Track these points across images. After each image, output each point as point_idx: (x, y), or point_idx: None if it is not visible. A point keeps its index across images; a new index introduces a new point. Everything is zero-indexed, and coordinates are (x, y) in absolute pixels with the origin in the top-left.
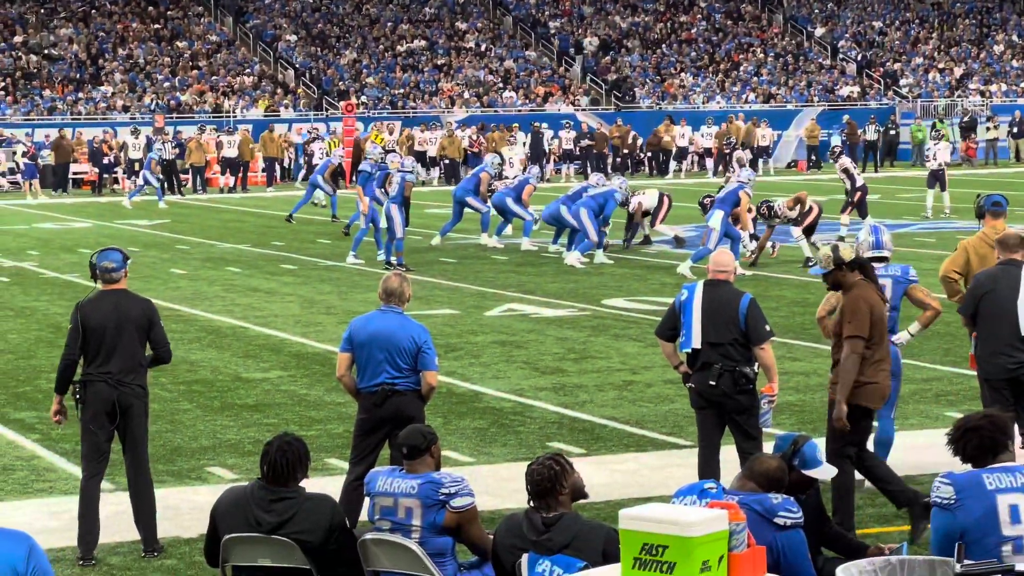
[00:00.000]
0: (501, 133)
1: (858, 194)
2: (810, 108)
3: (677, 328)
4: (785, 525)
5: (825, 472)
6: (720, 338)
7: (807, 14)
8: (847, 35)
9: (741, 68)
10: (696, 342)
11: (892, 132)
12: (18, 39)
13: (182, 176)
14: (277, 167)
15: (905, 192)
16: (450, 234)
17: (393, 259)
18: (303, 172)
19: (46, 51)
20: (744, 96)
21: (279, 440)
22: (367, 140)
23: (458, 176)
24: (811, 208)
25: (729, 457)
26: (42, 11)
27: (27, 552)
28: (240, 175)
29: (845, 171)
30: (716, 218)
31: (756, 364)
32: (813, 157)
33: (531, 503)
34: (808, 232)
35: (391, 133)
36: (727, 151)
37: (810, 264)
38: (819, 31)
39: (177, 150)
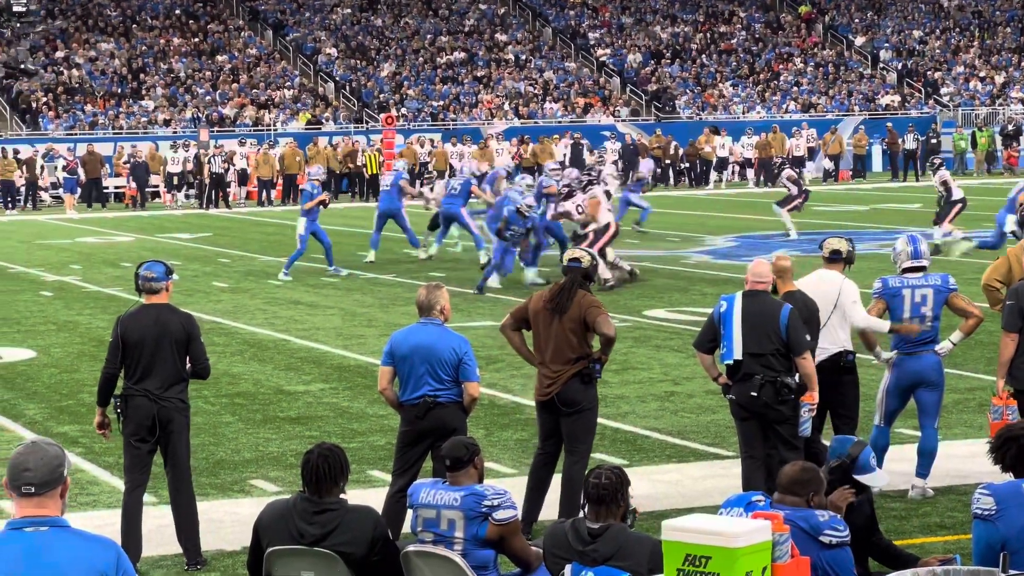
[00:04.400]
0: (543, 145)
1: (957, 207)
2: (851, 117)
3: (716, 340)
4: (831, 543)
5: (878, 479)
6: (761, 348)
7: (847, 23)
8: (887, 44)
9: (781, 78)
10: (737, 353)
11: (934, 141)
12: (60, 54)
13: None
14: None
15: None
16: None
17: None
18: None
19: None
20: (784, 106)
21: (319, 448)
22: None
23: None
24: (607, 225)
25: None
26: (84, 26)
27: (116, 558)
28: (265, 190)
29: (944, 183)
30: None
31: (797, 374)
32: (859, 167)
33: (585, 511)
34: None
35: (422, 146)
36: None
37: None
38: (859, 40)
39: (226, 164)
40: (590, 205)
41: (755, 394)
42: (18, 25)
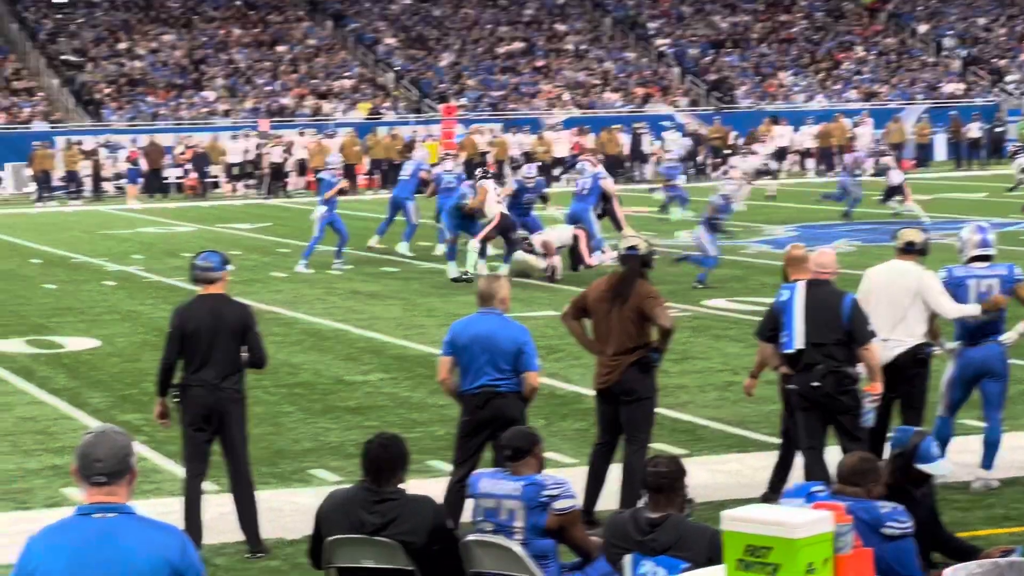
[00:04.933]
0: (609, 134)
1: None
2: (913, 106)
3: (777, 329)
4: (894, 535)
5: (940, 468)
6: (823, 338)
7: (910, 11)
8: (951, 31)
9: (842, 66)
10: (799, 342)
11: (999, 129)
12: (122, 45)
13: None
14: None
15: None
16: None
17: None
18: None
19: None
20: (846, 95)
21: (379, 438)
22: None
23: (550, 178)
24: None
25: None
26: (145, 17)
27: (181, 546)
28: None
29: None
30: None
31: (859, 364)
32: (922, 156)
33: (645, 500)
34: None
35: (482, 136)
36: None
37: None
38: (923, 28)
39: (286, 154)
40: (480, 193)
41: (817, 384)
42: (81, 18)
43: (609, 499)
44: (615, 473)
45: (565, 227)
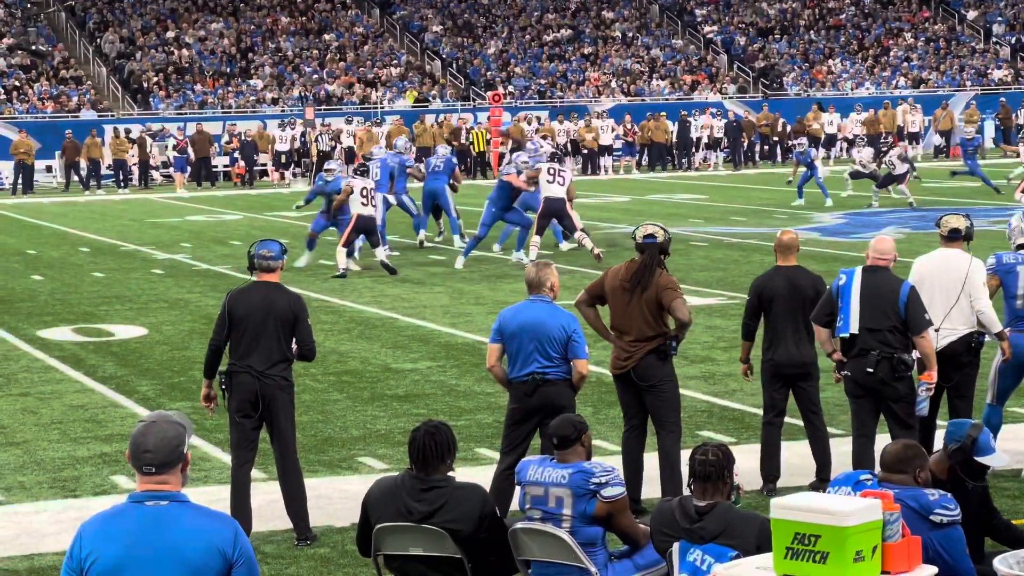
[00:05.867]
0: (657, 121)
1: None
2: (962, 93)
3: (834, 314)
4: (942, 523)
5: (998, 460)
6: (878, 324)
7: None
8: (1000, 18)
9: (891, 53)
10: (854, 327)
11: None
12: (170, 34)
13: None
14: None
15: None
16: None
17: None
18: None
19: (32, 47)
20: (894, 81)
21: (426, 426)
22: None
23: (596, 166)
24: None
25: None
26: (193, 6)
27: (234, 535)
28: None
29: None
30: None
31: (914, 351)
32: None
33: (690, 487)
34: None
35: (529, 123)
36: (884, 143)
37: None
38: (971, 14)
39: (333, 142)
40: (344, 192)
41: (871, 370)
42: (130, 6)
43: (652, 486)
44: (654, 460)
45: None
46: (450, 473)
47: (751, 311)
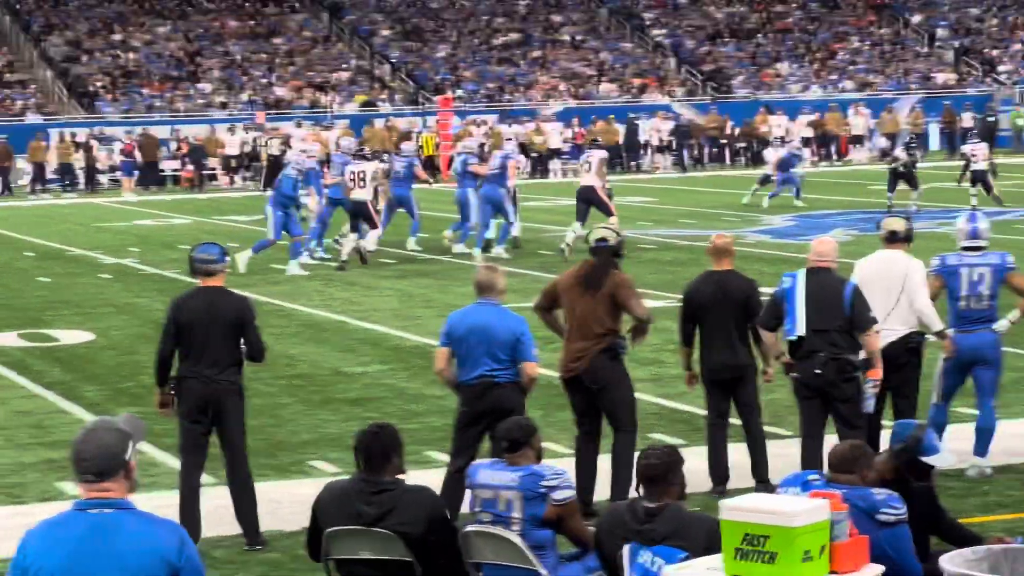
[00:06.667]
0: (606, 124)
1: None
2: (907, 96)
3: (779, 317)
4: (889, 521)
5: (944, 459)
6: (825, 325)
7: (904, 2)
8: (944, 22)
9: (837, 56)
10: (801, 329)
11: (991, 119)
12: (117, 37)
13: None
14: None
15: (1004, 179)
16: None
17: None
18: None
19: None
20: (841, 85)
21: (370, 427)
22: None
23: (546, 169)
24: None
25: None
26: (140, 9)
27: (179, 542)
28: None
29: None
30: None
31: (862, 352)
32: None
33: (638, 490)
34: None
35: (478, 127)
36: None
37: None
38: (916, 18)
39: (283, 146)
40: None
41: (819, 371)
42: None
43: (605, 488)
44: (608, 463)
45: None
46: (400, 476)
47: (684, 317)
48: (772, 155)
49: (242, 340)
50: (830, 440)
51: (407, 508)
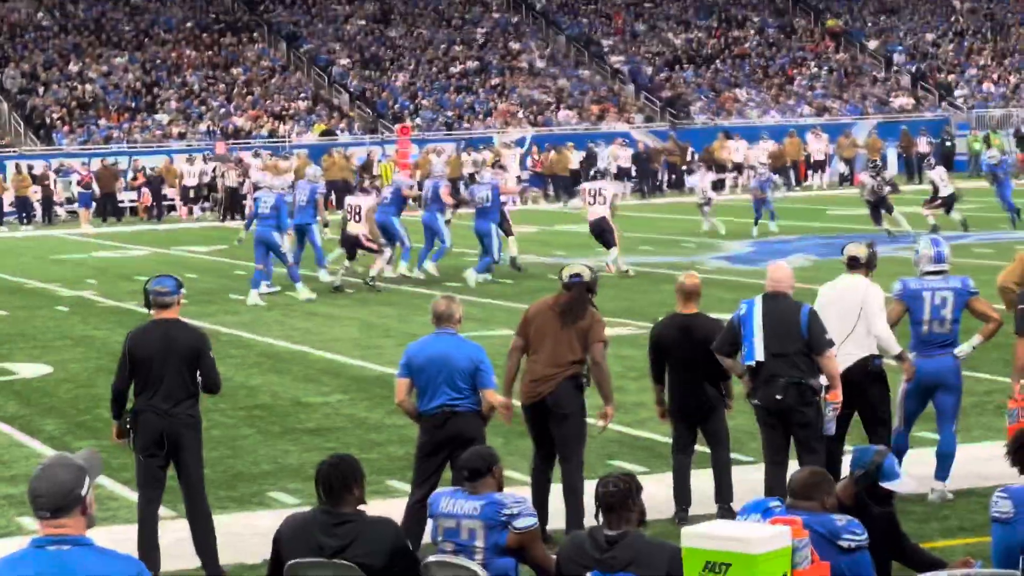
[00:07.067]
0: (559, 154)
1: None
2: (864, 120)
3: (737, 343)
4: (850, 548)
5: (904, 485)
6: (784, 349)
7: (860, 27)
8: (901, 47)
9: (795, 82)
10: (759, 354)
11: (948, 143)
12: (74, 68)
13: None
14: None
15: (962, 204)
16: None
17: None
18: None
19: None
20: (799, 110)
21: (329, 459)
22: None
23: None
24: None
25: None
26: (96, 40)
27: (137, 575)
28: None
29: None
30: None
31: (821, 376)
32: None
33: (597, 518)
34: None
35: (439, 155)
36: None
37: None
38: (872, 43)
39: (242, 177)
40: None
41: (779, 396)
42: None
43: (557, 518)
44: (558, 490)
45: None
46: (362, 507)
47: (652, 357)
48: (698, 180)
49: (198, 372)
50: (794, 465)
51: (369, 540)
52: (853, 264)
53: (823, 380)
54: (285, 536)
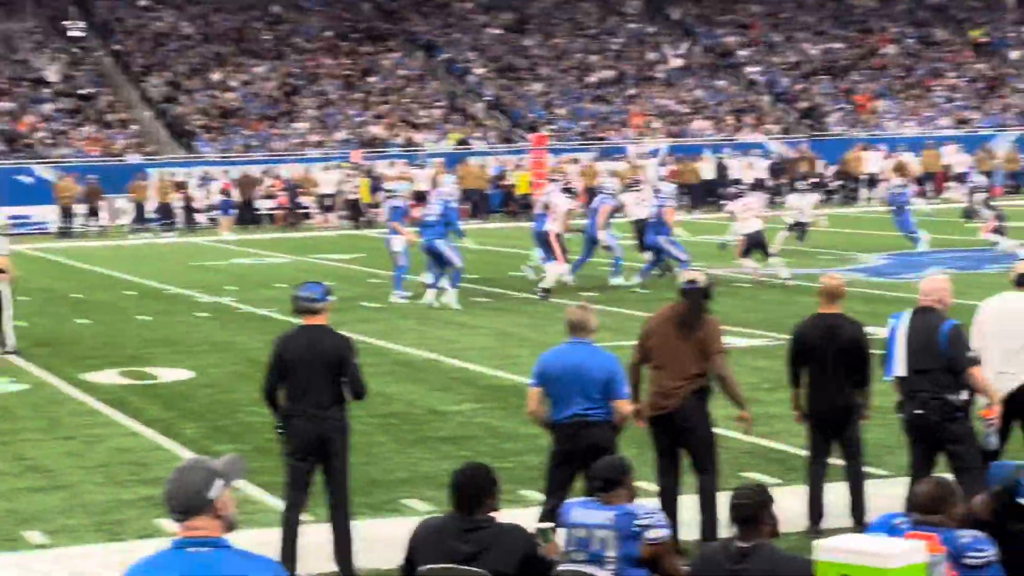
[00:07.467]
0: (685, 164)
1: None
2: (1005, 133)
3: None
4: (976, 565)
5: None
6: (925, 365)
7: (1002, 37)
8: None
9: (934, 93)
10: (899, 370)
11: None
12: (215, 77)
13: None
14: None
15: None
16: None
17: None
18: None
19: (78, 91)
20: (937, 121)
21: (465, 467)
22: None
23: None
24: None
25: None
26: (238, 49)
27: None
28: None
29: None
30: None
31: (966, 391)
32: (1011, 182)
33: (732, 530)
34: None
35: (576, 163)
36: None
37: None
38: (1014, 54)
39: (376, 184)
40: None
41: (919, 411)
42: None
43: (688, 529)
44: (689, 502)
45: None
46: (494, 514)
47: (792, 358)
48: (797, 201)
49: (343, 378)
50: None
51: (501, 546)
52: (1022, 281)
53: (964, 395)
54: (419, 540)
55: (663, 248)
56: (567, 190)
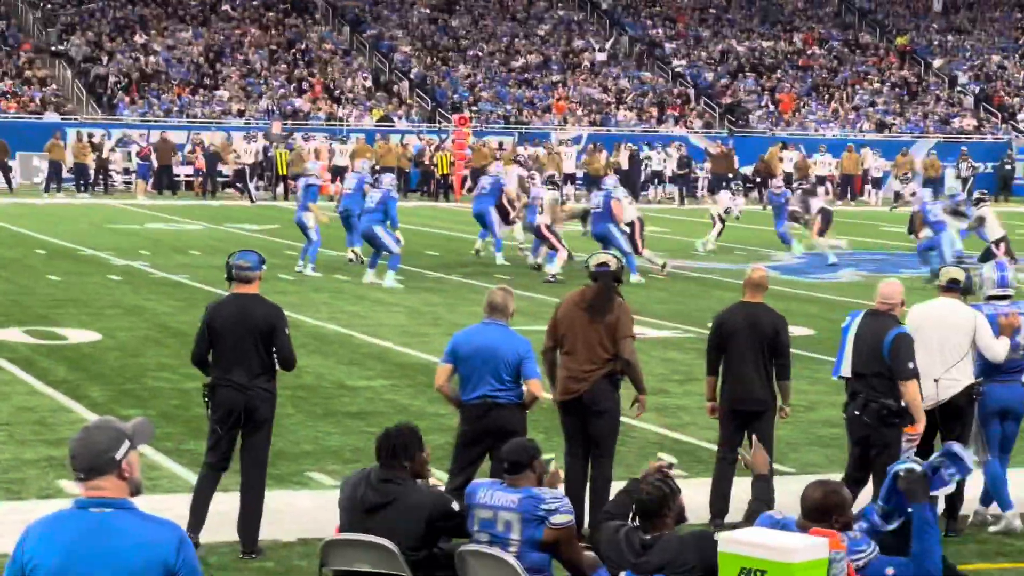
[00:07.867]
0: (590, 155)
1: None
2: (924, 139)
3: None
4: (859, 566)
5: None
6: (865, 369)
7: (926, 45)
8: (965, 67)
9: (857, 96)
10: (844, 371)
11: (1008, 167)
12: (139, 40)
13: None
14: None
15: (1021, 227)
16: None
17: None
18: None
19: None
20: (859, 125)
21: (394, 425)
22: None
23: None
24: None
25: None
26: (162, 13)
27: (178, 542)
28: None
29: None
30: None
31: (902, 400)
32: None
33: (634, 522)
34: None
35: (501, 147)
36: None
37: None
38: (937, 62)
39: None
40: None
41: (857, 412)
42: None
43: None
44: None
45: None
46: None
47: (712, 344)
48: (727, 199)
49: (273, 348)
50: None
51: (407, 500)
52: (951, 287)
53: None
54: (344, 483)
55: (612, 238)
56: (551, 180)
